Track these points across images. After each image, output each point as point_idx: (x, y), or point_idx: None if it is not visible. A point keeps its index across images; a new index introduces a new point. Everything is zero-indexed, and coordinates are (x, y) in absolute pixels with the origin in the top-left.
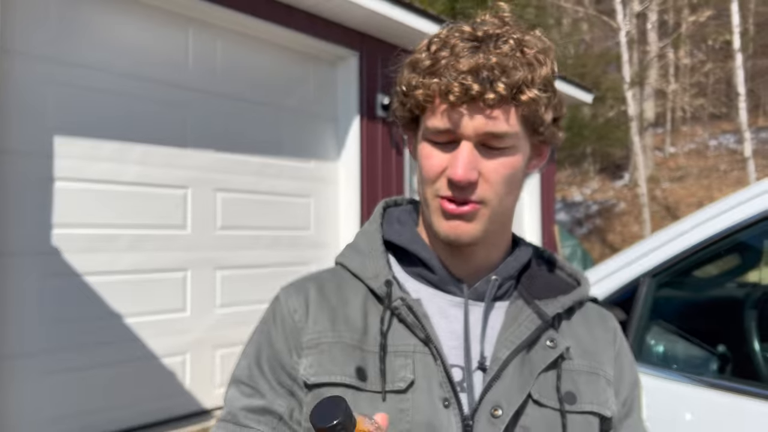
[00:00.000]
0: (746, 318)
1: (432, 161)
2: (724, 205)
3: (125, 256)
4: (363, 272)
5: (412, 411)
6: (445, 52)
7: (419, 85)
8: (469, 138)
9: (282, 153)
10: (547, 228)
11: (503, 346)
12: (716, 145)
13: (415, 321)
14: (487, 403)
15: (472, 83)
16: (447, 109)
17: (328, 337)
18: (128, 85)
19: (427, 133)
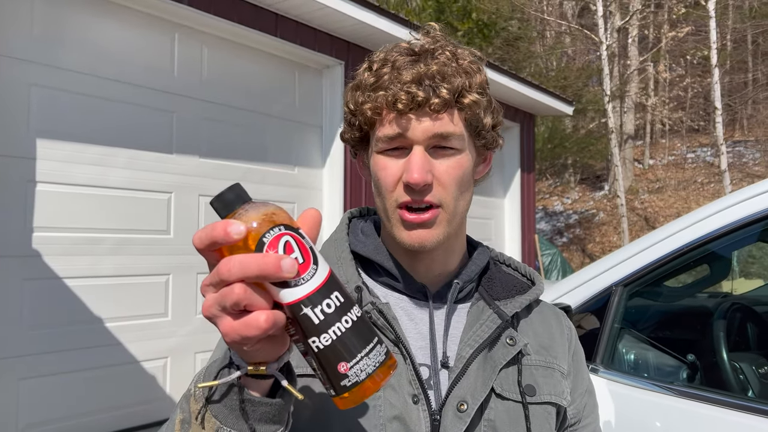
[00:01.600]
0: (715, 327)
1: (387, 171)
2: (694, 216)
3: (107, 259)
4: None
5: (383, 407)
6: (386, 68)
7: (366, 100)
8: (419, 142)
9: (267, 159)
10: (527, 237)
11: (467, 345)
12: (694, 158)
13: (385, 323)
14: (453, 398)
15: (417, 91)
16: (395, 117)
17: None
18: (113, 90)
19: (379, 144)
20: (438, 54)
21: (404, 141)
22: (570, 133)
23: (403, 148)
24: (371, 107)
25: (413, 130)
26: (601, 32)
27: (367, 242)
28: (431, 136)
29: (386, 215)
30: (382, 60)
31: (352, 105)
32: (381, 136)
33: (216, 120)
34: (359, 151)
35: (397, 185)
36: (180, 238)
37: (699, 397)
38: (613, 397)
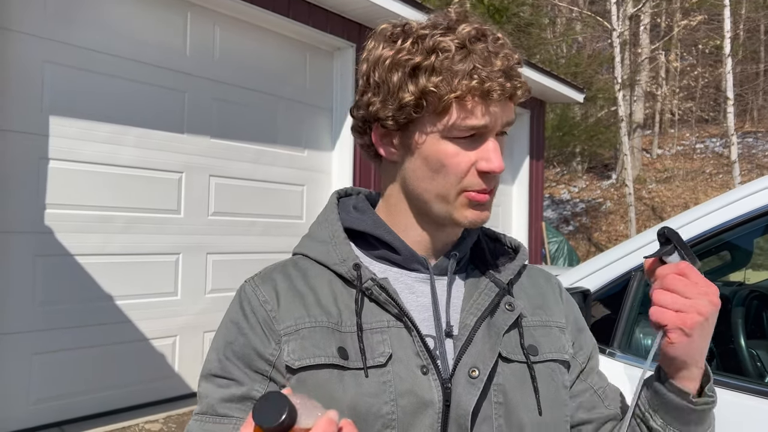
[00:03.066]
0: (733, 315)
1: (459, 158)
2: (712, 205)
3: (118, 238)
4: (328, 259)
5: (394, 381)
6: (462, 52)
7: (448, 84)
8: (496, 130)
9: (277, 141)
10: (534, 224)
11: (470, 314)
12: (702, 149)
13: (388, 298)
14: (463, 365)
15: (506, 82)
16: (483, 107)
17: (305, 323)
18: (126, 68)
19: (454, 131)
20: (496, 38)
21: (483, 130)
22: (579, 121)
23: (474, 135)
24: (457, 95)
25: (497, 120)
26: (614, 19)
27: (364, 218)
28: (504, 125)
29: (443, 199)
30: (455, 40)
31: (416, 86)
32: (462, 125)
33: (227, 100)
34: (393, 133)
35: (468, 172)
36: (190, 218)
37: (716, 382)
38: (630, 381)
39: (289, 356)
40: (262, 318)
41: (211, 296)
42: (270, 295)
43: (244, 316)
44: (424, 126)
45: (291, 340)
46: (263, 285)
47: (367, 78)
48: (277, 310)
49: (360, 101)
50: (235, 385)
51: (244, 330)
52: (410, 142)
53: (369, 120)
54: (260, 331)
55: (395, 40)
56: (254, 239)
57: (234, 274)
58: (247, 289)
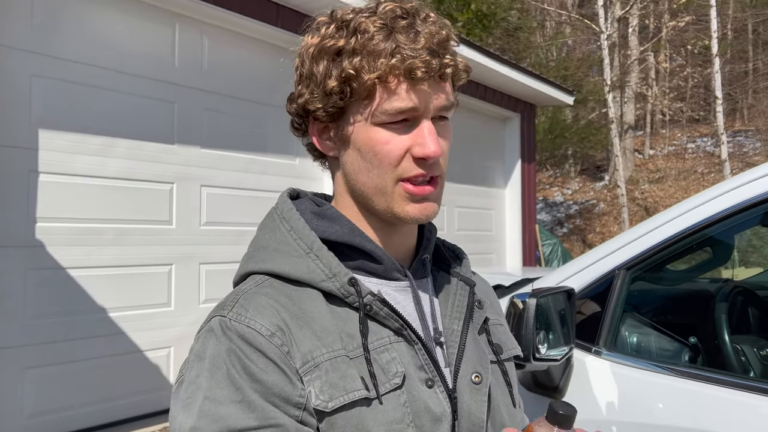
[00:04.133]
0: (717, 310)
1: (391, 146)
2: (695, 200)
3: (110, 250)
4: (312, 276)
5: (410, 402)
6: (384, 31)
7: (369, 66)
8: (429, 114)
9: (268, 150)
10: (528, 227)
11: (454, 318)
12: (694, 148)
13: (390, 312)
14: (464, 373)
15: (431, 59)
16: (408, 88)
17: (323, 354)
18: (114, 80)
19: (382, 116)
20: (426, 17)
21: (414, 113)
22: (570, 123)
23: (406, 120)
24: (378, 75)
25: (428, 101)
26: (602, 22)
27: (337, 226)
28: (439, 109)
29: (380, 191)
30: (376, 21)
31: (338, 71)
32: (388, 109)
33: (217, 110)
34: (327, 124)
35: (402, 160)
36: (182, 229)
37: (701, 377)
38: (615, 378)
39: (318, 399)
40: (276, 356)
41: (205, 306)
42: (275, 327)
43: (247, 359)
44: (354, 114)
45: (314, 378)
46: (259, 316)
47: (299, 71)
48: (289, 343)
49: (292, 95)
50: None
51: (254, 374)
52: (344, 133)
53: (302, 114)
54: (276, 371)
55: (320, 27)
56: (246, 248)
57: (227, 283)
58: (233, 325)
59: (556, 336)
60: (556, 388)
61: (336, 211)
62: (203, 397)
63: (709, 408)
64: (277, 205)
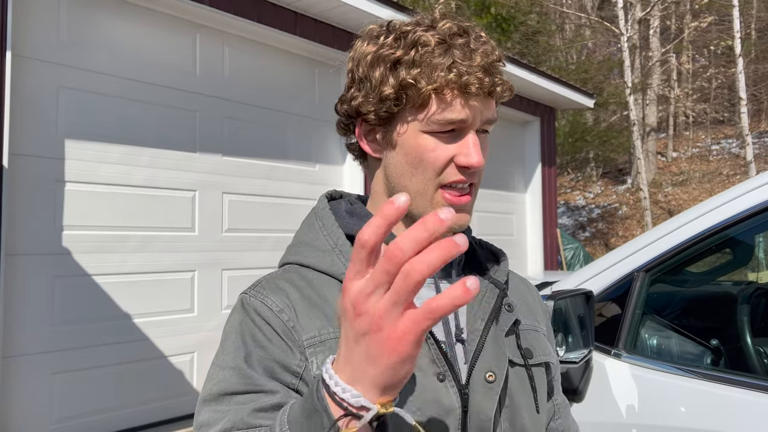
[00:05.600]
0: (739, 312)
1: (437, 153)
2: (715, 201)
3: (134, 257)
4: (334, 269)
5: (418, 391)
6: (442, 47)
7: (426, 77)
8: (476, 126)
9: (288, 157)
10: (549, 231)
11: (477, 318)
12: (719, 150)
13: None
14: (479, 371)
15: (485, 77)
16: (462, 101)
17: (329, 333)
18: (137, 90)
19: (432, 125)
20: (479, 36)
21: (462, 125)
22: (591, 126)
23: (453, 130)
24: (436, 87)
25: (477, 115)
26: (622, 24)
27: (362, 223)
28: (484, 122)
29: (421, 195)
30: (435, 36)
31: (396, 79)
32: (440, 119)
33: (238, 118)
34: (376, 127)
35: (446, 167)
36: (205, 235)
37: (724, 380)
38: (636, 381)
39: (318, 369)
40: (280, 328)
41: (227, 312)
42: (284, 304)
43: (257, 328)
44: (404, 120)
45: (318, 352)
46: (273, 295)
47: (352, 74)
48: (295, 320)
49: (344, 97)
50: (267, 395)
51: (260, 342)
52: (391, 136)
53: (352, 115)
54: (279, 341)
55: (378, 36)
56: (268, 254)
57: None
58: (252, 301)
59: (575, 338)
60: (575, 390)
61: (365, 209)
62: (214, 364)
63: (732, 411)
64: (316, 204)
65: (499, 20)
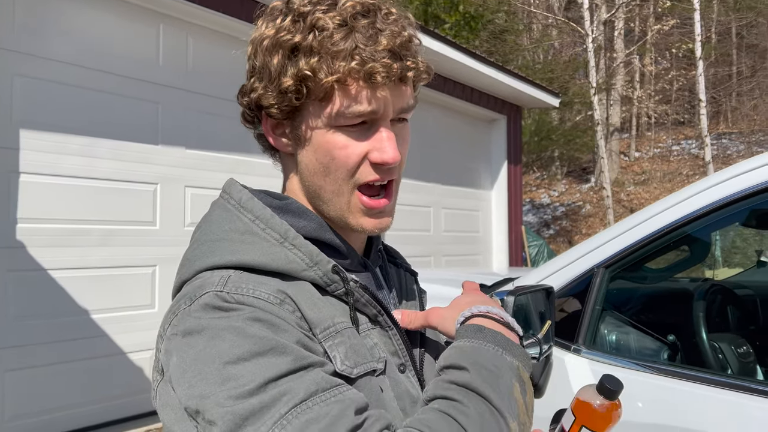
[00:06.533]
0: (695, 309)
1: (349, 150)
2: (673, 199)
3: (93, 251)
4: (291, 266)
5: (393, 386)
6: (343, 30)
7: (327, 68)
8: (389, 117)
9: (253, 151)
10: (514, 228)
11: (411, 305)
12: (679, 150)
13: (370, 299)
14: (429, 357)
15: (392, 62)
16: (368, 91)
17: (342, 322)
18: (98, 80)
19: (340, 119)
20: (388, 14)
21: (373, 116)
22: (556, 125)
23: (364, 123)
24: (337, 78)
25: (387, 105)
26: (587, 24)
27: (304, 221)
28: (398, 111)
29: (338, 198)
30: (335, 17)
31: (294, 69)
32: (347, 113)
33: (202, 111)
34: (282, 122)
35: (360, 165)
36: (166, 230)
37: (680, 374)
38: (595, 376)
39: (344, 364)
40: (291, 319)
41: None
42: (282, 295)
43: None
44: (310, 115)
45: (338, 344)
46: (262, 287)
47: (251, 62)
48: (299, 311)
49: (245, 87)
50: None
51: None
52: (299, 132)
53: (254, 108)
54: (297, 330)
55: (277, 17)
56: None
57: None
58: (239, 298)
59: (535, 334)
60: (535, 386)
61: (301, 205)
62: (223, 363)
63: (688, 405)
64: (228, 195)
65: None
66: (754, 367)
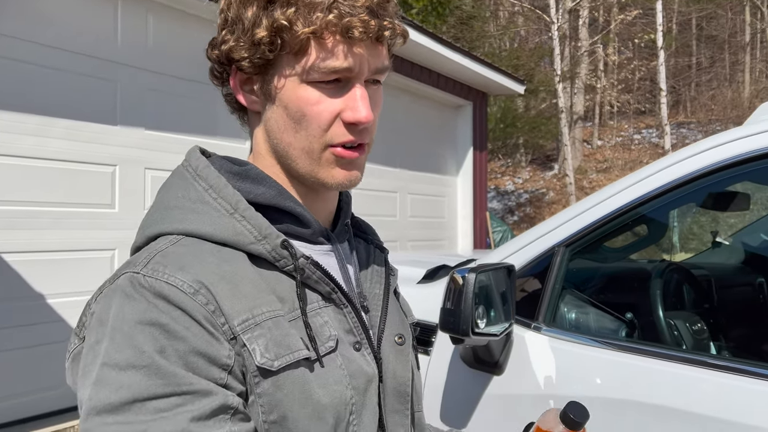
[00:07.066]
0: (652, 287)
1: (321, 107)
2: (630, 179)
3: (49, 234)
4: (239, 238)
5: (345, 364)
6: None
7: (304, 19)
8: (363, 76)
9: (217, 133)
10: (479, 214)
11: (375, 282)
12: (640, 139)
13: (322, 276)
14: (388, 335)
15: (369, 19)
16: (344, 47)
17: (264, 313)
18: (52, 58)
19: (315, 76)
20: None
21: (348, 74)
22: (521, 113)
23: (338, 80)
24: (313, 30)
25: (363, 63)
26: (553, 12)
27: (263, 188)
28: (373, 71)
29: (308, 155)
30: None
31: (269, 20)
32: (322, 67)
33: (163, 91)
34: (252, 77)
35: (332, 124)
36: (126, 213)
37: (637, 350)
38: (554, 353)
39: (264, 357)
40: (200, 314)
41: None
42: (198, 284)
43: (166, 316)
44: (282, 69)
45: (258, 336)
46: (180, 273)
47: (224, 15)
48: (214, 302)
49: (215, 40)
50: (200, 397)
51: (176, 332)
52: (270, 87)
53: (224, 62)
54: (201, 330)
55: None
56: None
57: None
58: (149, 281)
59: (497, 312)
60: (496, 363)
61: (261, 172)
62: (101, 364)
63: (645, 379)
64: (187, 162)
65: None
66: (708, 343)
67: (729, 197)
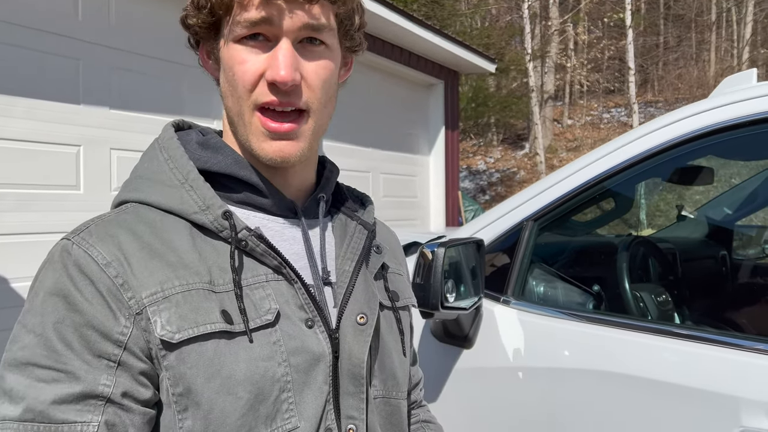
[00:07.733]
0: (619, 260)
1: (246, 66)
2: (597, 153)
3: (11, 216)
4: (184, 207)
5: (284, 340)
6: None
7: None
8: (287, 33)
9: (184, 111)
10: (451, 193)
11: (346, 259)
12: (609, 118)
13: (267, 249)
14: (349, 313)
15: None
16: (263, 1)
17: (175, 286)
18: (9, 33)
19: (237, 30)
20: None
21: (270, 29)
22: (493, 92)
23: (267, 39)
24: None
25: (282, 17)
26: None
27: (220, 156)
28: (301, 27)
29: (241, 120)
30: None
31: None
32: (241, 20)
33: (127, 69)
34: (206, 42)
35: (258, 84)
36: (91, 194)
37: (604, 321)
38: (523, 326)
39: (164, 329)
40: (105, 286)
41: None
42: (114, 256)
43: (74, 286)
44: (222, 31)
45: (162, 309)
46: (101, 244)
47: None
48: (127, 274)
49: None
50: (70, 379)
51: (77, 304)
52: (216, 53)
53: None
54: (101, 303)
55: None
56: None
57: None
58: (74, 250)
59: (466, 286)
60: (465, 337)
61: (220, 141)
62: (20, 322)
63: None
64: (160, 135)
65: None
66: (672, 314)
67: (694, 171)
